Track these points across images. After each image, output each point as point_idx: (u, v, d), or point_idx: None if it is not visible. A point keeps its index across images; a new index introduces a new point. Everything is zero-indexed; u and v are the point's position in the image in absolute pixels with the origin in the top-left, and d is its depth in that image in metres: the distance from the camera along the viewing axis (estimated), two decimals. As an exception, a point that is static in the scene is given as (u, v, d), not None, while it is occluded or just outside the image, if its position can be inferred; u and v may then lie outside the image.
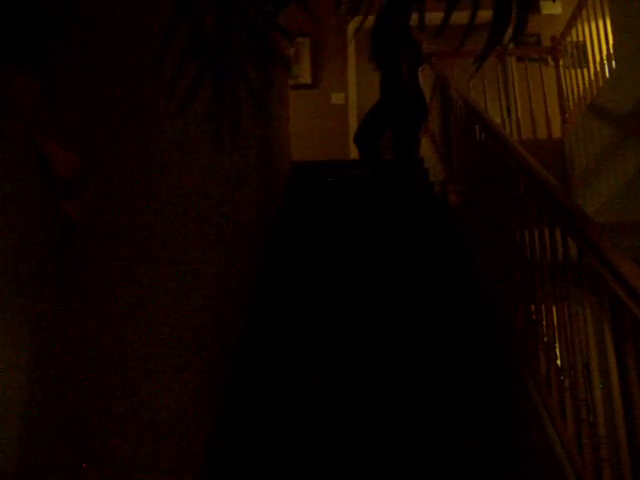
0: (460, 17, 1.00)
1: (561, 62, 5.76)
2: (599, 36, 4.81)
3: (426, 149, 5.61)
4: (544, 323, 2.49)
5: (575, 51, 5.42)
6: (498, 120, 5.17)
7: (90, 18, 1.34)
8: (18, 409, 1.03)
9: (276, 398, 2.69)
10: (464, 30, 1.01)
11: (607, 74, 4.63)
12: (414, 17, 1.04)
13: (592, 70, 4.98)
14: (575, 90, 5.44)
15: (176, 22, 1.00)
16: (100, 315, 1.36)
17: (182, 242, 1.98)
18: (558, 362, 2.36)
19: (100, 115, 1.40)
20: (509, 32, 0.98)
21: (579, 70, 5.34)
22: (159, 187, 1.78)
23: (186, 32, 1.03)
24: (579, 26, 5.28)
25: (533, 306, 2.61)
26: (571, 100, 5.57)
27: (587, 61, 5.14)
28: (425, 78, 4.91)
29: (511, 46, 6.53)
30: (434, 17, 0.98)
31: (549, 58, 5.93)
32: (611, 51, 4.51)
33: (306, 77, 7.16)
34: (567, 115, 5.61)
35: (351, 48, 7.31)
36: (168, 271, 1.83)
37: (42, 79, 0.99)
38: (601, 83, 4.76)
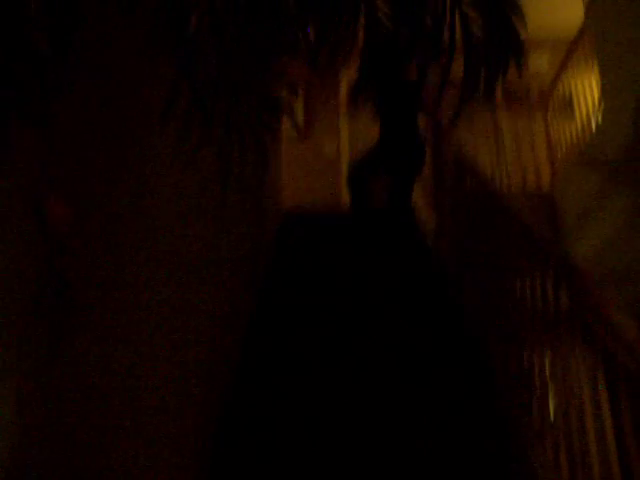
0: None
1: (549, 114, 5.87)
2: (585, 89, 4.92)
3: (417, 197, 5.65)
4: (536, 374, 2.47)
5: (563, 103, 5.53)
6: (488, 170, 5.23)
7: (91, 71, 1.36)
8: (4, 457, 1.01)
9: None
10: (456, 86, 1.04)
11: (594, 126, 4.72)
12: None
13: (579, 122, 5.07)
14: (563, 141, 5.53)
15: (179, 82, 1.02)
16: (93, 360, 1.34)
17: (175, 291, 1.97)
18: (551, 415, 2.33)
19: (100, 167, 1.41)
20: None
21: (567, 122, 5.45)
22: (156, 237, 1.78)
23: (191, 88, 1.05)
24: (565, 80, 5.40)
25: (525, 356, 2.60)
26: (560, 151, 5.65)
27: (574, 113, 5.24)
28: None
29: (500, 98, 6.67)
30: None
31: (538, 110, 6.04)
32: (597, 103, 4.60)
33: (298, 126, 7.24)
34: (556, 165, 5.69)
35: (343, 99, 7.43)
36: (162, 314, 1.82)
37: (42, 134, 1.00)
38: (588, 134, 4.84)
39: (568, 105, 5.37)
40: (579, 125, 5.06)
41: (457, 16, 0.94)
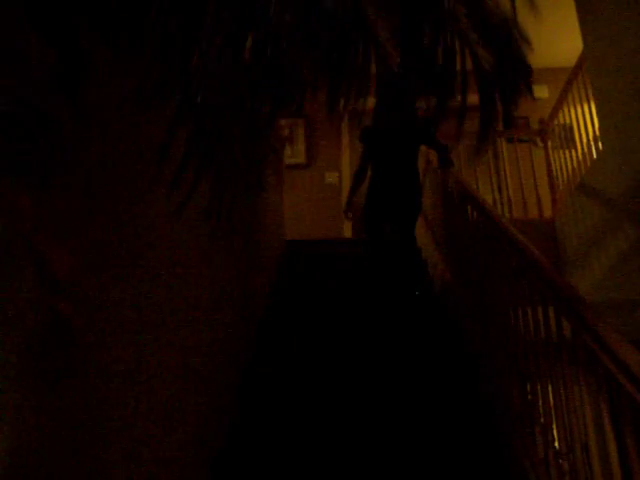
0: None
1: (549, 143, 5.89)
2: (585, 119, 4.94)
3: (418, 228, 5.66)
4: (540, 404, 2.45)
5: (563, 133, 5.56)
6: (490, 199, 5.24)
7: (90, 118, 1.37)
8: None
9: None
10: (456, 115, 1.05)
11: (594, 155, 4.74)
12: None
13: (580, 151, 5.09)
14: (564, 170, 5.54)
15: (176, 125, 1.03)
16: (92, 398, 1.33)
17: (174, 330, 1.97)
18: (556, 444, 2.31)
19: (100, 213, 1.43)
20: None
21: (567, 151, 5.47)
22: (153, 273, 1.78)
23: (188, 132, 1.06)
24: (565, 109, 5.44)
25: (529, 386, 2.58)
26: (561, 180, 5.67)
27: (575, 142, 5.26)
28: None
29: (500, 128, 6.72)
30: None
31: (538, 139, 6.07)
32: (597, 133, 4.63)
33: (300, 157, 7.29)
34: (557, 194, 5.70)
35: (345, 128, 7.47)
36: (162, 354, 1.82)
37: (39, 187, 1.01)
38: (589, 164, 4.86)
39: (568, 134, 5.40)
40: (580, 153, 5.08)
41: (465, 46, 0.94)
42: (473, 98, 1.00)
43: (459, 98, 1.03)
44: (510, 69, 0.98)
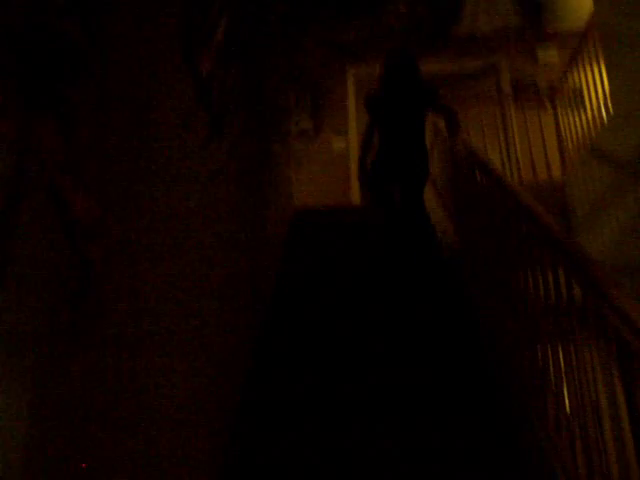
0: (452, 67, 1.03)
1: (559, 106, 5.82)
2: (595, 82, 4.87)
3: (427, 194, 5.62)
4: (551, 368, 2.45)
5: (572, 96, 5.49)
6: (498, 163, 5.20)
7: (115, 72, 1.36)
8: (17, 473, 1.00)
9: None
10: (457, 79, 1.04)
11: (604, 118, 4.68)
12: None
13: (589, 114, 5.03)
14: (574, 133, 5.48)
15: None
16: (115, 369, 1.34)
17: (189, 293, 1.98)
18: (567, 408, 2.31)
19: (116, 160, 1.41)
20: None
21: (577, 114, 5.40)
22: (172, 230, 1.78)
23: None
24: (575, 72, 5.36)
25: (539, 351, 2.58)
26: (570, 143, 5.61)
27: (585, 105, 5.19)
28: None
29: (508, 89, 6.63)
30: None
31: (547, 102, 5.99)
32: (607, 96, 4.57)
33: (307, 125, 7.24)
34: (567, 158, 5.65)
35: (352, 94, 7.41)
36: (180, 322, 1.83)
37: (62, 125, 1.00)
38: (599, 127, 4.80)
39: (578, 97, 5.33)
40: (590, 117, 5.02)
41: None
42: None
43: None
44: None
